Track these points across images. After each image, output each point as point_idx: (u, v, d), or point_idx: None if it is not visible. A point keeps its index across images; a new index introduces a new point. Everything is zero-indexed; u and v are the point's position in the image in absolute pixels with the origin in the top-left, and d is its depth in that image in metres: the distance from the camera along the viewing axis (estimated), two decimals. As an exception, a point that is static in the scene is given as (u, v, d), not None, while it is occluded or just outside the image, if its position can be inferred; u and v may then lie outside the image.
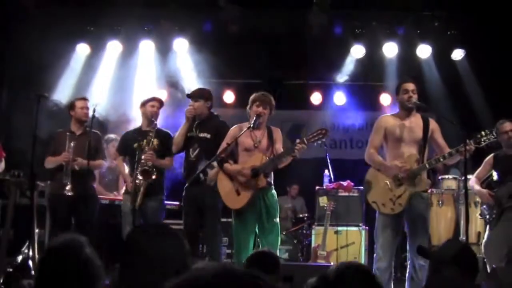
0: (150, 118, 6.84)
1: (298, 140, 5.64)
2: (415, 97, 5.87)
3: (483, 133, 5.55)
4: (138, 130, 6.95)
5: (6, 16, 9.53)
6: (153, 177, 6.53)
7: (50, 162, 6.93)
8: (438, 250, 3.55)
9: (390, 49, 9.99)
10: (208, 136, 6.60)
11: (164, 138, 6.86)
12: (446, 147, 5.89)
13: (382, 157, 5.99)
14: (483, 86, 9.87)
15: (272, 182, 6.06)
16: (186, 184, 6.62)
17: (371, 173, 6.02)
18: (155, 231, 2.49)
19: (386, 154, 6.01)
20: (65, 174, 6.68)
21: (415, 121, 5.94)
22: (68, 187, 6.61)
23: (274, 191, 6.07)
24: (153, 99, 7.02)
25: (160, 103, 7.01)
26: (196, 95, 6.76)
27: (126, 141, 7.00)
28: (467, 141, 5.39)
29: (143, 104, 6.94)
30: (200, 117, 6.70)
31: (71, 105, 7.06)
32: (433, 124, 5.99)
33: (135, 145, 6.75)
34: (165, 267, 2.30)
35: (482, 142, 5.57)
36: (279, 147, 5.97)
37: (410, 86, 5.89)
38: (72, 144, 6.75)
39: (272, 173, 6.04)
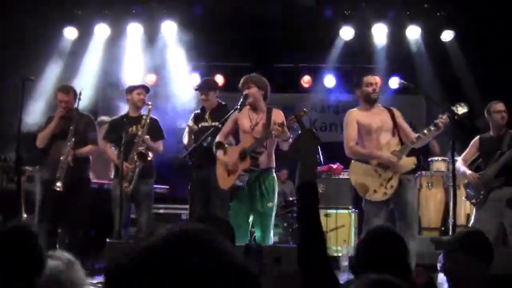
0: (137, 105, 6.89)
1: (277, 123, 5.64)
2: (377, 90, 5.95)
3: (458, 105, 5.63)
4: (126, 117, 6.92)
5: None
6: (149, 158, 6.61)
7: (41, 138, 6.75)
8: (450, 238, 3.56)
9: (380, 31, 9.95)
10: (220, 126, 6.63)
11: (152, 123, 6.90)
12: (411, 131, 5.95)
13: None
14: (472, 67, 9.86)
15: (272, 165, 6.05)
16: (193, 171, 6.73)
17: (354, 165, 5.98)
18: None
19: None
20: (60, 168, 6.54)
21: (380, 111, 5.98)
22: (59, 184, 6.47)
23: (273, 175, 6.03)
24: (139, 86, 7.04)
25: (146, 90, 7.03)
26: (205, 87, 6.84)
27: (114, 127, 6.97)
28: (441, 114, 5.45)
29: (130, 91, 6.94)
30: (211, 107, 6.79)
31: (55, 95, 6.99)
32: (396, 112, 6.03)
33: (129, 130, 6.76)
34: None
35: (461, 114, 5.60)
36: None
37: (375, 79, 6.00)
38: (73, 139, 6.62)
39: (273, 156, 6.03)
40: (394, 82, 10.13)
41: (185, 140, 6.79)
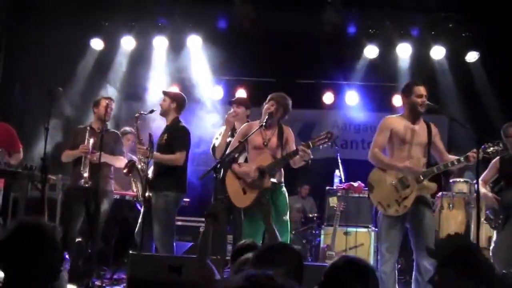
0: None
1: (302, 143, 5.62)
2: (425, 103, 5.75)
3: (491, 143, 5.40)
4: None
5: (20, 11, 9.57)
6: (129, 174, 6.60)
7: (67, 156, 6.89)
8: (437, 250, 3.46)
9: (404, 50, 9.95)
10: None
11: (176, 131, 6.60)
12: (445, 152, 5.84)
13: None
14: (496, 89, 9.82)
15: (283, 180, 6.04)
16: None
17: (375, 174, 5.86)
18: None
19: (389, 156, 5.86)
20: (84, 164, 6.62)
21: (420, 125, 5.84)
22: (85, 177, 6.54)
23: (284, 189, 6.02)
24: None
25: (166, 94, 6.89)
26: (239, 101, 6.92)
27: None
28: (475, 149, 5.29)
29: None
30: (240, 124, 6.74)
31: (96, 102, 7.01)
32: (434, 129, 5.88)
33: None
34: None
35: (490, 154, 5.51)
36: (291, 146, 5.94)
37: (424, 90, 5.77)
38: (91, 140, 6.70)
39: (282, 171, 6.02)
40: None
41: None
